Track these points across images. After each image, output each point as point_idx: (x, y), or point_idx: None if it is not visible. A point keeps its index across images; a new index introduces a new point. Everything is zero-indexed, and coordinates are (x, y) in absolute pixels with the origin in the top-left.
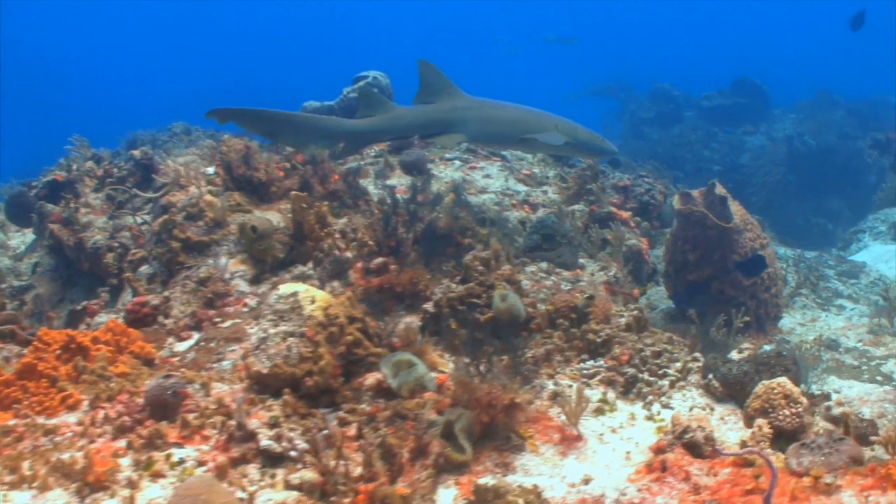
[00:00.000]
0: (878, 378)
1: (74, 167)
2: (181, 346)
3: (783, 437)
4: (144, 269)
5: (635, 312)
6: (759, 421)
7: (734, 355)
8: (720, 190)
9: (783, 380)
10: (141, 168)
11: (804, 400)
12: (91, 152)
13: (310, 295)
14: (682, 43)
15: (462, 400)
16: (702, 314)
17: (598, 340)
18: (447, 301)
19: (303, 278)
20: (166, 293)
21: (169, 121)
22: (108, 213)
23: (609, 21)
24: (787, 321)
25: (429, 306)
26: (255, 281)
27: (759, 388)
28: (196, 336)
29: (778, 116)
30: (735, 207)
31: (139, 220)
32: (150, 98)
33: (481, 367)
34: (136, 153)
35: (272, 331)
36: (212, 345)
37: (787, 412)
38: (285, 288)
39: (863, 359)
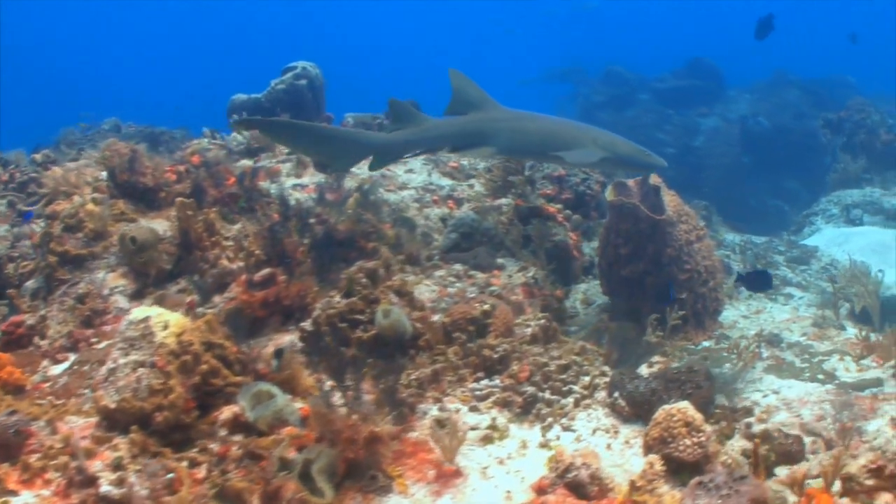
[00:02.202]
0: (820, 376)
1: None
2: (56, 370)
3: (685, 470)
4: (31, 283)
5: (542, 321)
6: (651, 457)
7: (644, 370)
8: (654, 179)
9: (684, 405)
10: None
11: (707, 428)
12: None
13: (163, 320)
14: (638, 25)
15: (325, 434)
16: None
17: (495, 356)
18: (326, 318)
19: (187, 292)
20: (43, 311)
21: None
22: (10, 221)
23: (564, 4)
24: (730, 313)
25: (307, 324)
26: (136, 296)
27: (659, 413)
28: (72, 358)
29: (733, 97)
30: (669, 198)
31: (38, 228)
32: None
33: (350, 394)
34: (38, 156)
35: (122, 360)
36: (85, 368)
37: (687, 442)
38: (138, 312)
39: (805, 355)
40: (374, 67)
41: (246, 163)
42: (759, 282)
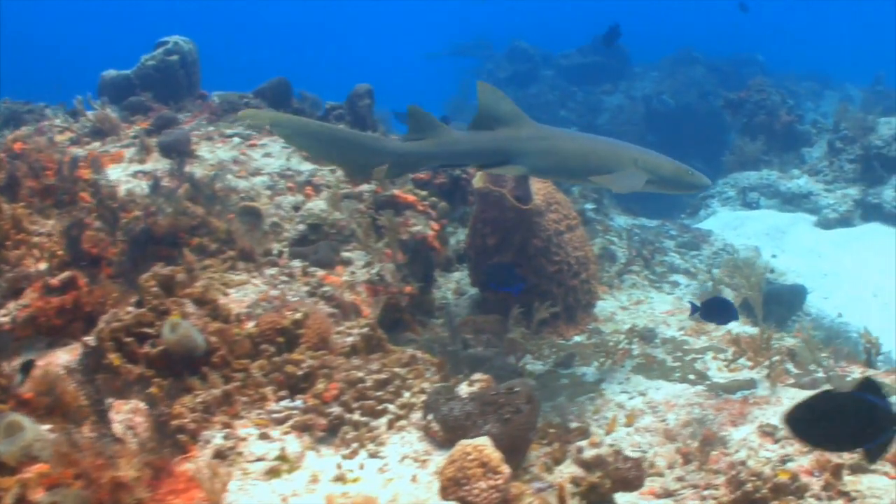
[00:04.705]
0: (691, 376)
1: None
2: None
3: None
4: None
5: (366, 329)
6: None
7: (464, 388)
8: None
9: (482, 441)
10: None
11: (505, 469)
12: None
13: None
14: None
15: (81, 473)
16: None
17: (300, 373)
18: (110, 332)
19: None
20: None
21: None
22: None
23: None
24: (609, 304)
25: (90, 338)
26: None
27: (455, 450)
28: None
29: (639, 74)
30: (539, 185)
31: None
32: None
33: (113, 425)
34: None
35: None
36: None
37: (482, 485)
38: None
39: (678, 352)
40: (265, 41)
41: (96, 146)
42: (718, 313)
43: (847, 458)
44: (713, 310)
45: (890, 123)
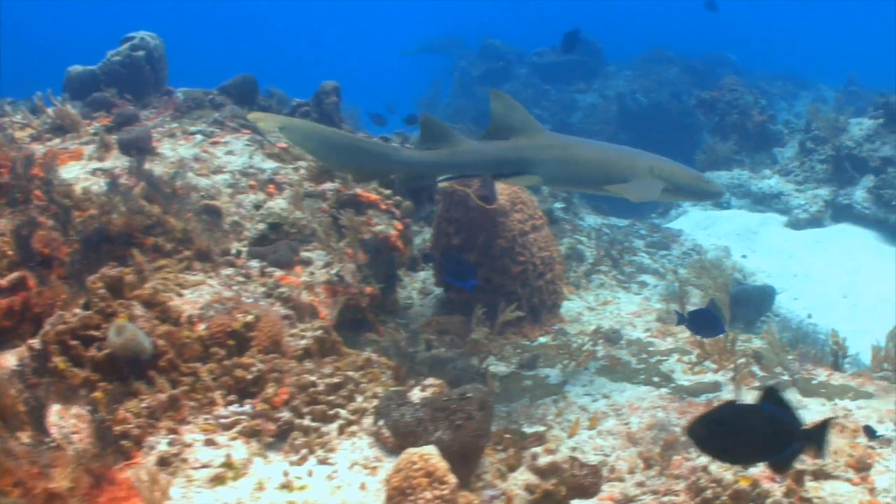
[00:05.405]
0: (656, 378)
1: None
2: None
3: None
4: None
5: (319, 332)
6: None
7: (417, 394)
8: None
9: (428, 451)
10: None
11: (451, 479)
12: None
13: None
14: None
15: (18, 483)
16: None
17: (249, 377)
18: (55, 335)
19: None
20: None
21: None
22: None
23: None
24: (576, 305)
25: (36, 341)
26: None
27: (402, 458)
28: None
29: (613, 73)
30: (504, 185)
31: None
32: None
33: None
34: None
35: None
36: None
37: (428, 496)
38: None
39: (643, 354)
40: (236, 37)
41: (56, 142)
42: (705, 325)
43: (810, 464)
44: (700, 321)
45: (861, 124)
